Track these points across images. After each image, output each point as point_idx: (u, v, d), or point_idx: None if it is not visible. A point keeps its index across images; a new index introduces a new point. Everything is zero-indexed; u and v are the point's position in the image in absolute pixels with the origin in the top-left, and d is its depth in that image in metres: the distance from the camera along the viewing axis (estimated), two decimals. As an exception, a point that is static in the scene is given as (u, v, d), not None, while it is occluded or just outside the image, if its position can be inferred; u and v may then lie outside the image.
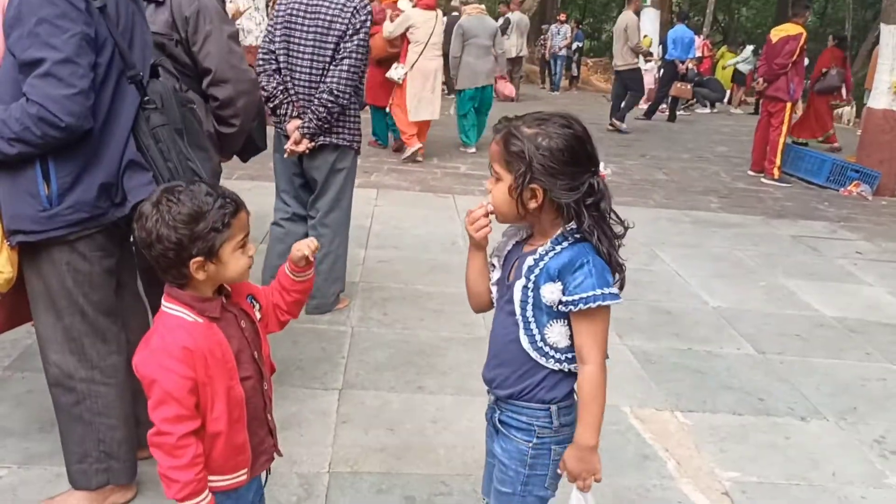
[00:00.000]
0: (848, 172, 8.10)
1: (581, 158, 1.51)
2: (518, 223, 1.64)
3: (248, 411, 1.64)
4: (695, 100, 14.36)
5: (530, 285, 1.54)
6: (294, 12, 3.45)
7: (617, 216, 1.56)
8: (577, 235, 1.53)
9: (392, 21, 7.64)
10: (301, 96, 3.50)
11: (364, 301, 4.00)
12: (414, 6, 7.67)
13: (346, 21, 3.40)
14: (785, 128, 8.14)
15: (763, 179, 8.18)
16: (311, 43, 3.44)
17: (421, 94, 7.57)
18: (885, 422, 3.16)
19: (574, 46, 17.45)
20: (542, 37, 17.72)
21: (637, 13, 11.29)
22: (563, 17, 18.09)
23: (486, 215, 1.61)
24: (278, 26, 3.49)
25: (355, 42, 3.42)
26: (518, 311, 1.57)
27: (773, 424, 3.08)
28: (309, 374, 3.17)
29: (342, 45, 3.41)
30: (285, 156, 3.56)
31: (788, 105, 8.12)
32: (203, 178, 2.10)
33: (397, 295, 4.11)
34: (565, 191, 1.49)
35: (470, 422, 2.86)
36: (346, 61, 3.41)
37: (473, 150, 8.54)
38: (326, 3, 3.43)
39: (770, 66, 8.15)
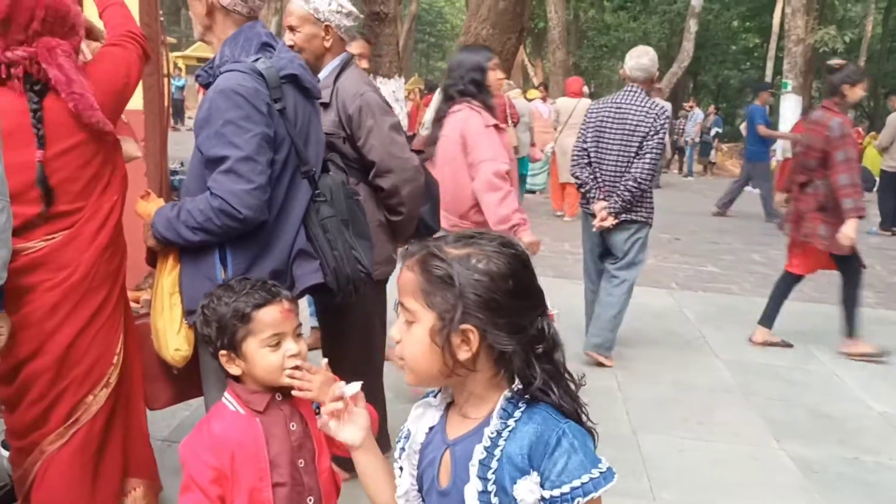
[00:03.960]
0: None
1: (528, 289, 1.12)
2: (439, 385, 1.20)
3: None
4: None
5: (491, 488, 1.09)
6: (604, 119, 4.32)
7: (570, 374, 1.15)
8: (527, 396, 1.12)
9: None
10: (607, 183, 4.30)
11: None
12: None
13: (650, 124, 4.19)
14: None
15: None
16: (619, 142, 4.26)
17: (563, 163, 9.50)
18: None
19: (713, 132, 17.20)
20: (674, 121, 17.62)
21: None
22: (692, 103, 17.96)
23: (340, 398, 1.28)
24: (590, 129, 4.40)
25: (655, 140, 4.20)
26: None
27: (961, 551, 2.75)
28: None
29: (645, 142, 4.19)
30: (594, 229, 4.37)
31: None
32: (365, 266, 2.20)
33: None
34: (508, 333, 1.08)
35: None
36: (648, 156, 4.19)
37: None
38: (633, 111, 4.24)
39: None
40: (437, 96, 11.11)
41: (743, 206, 11.15)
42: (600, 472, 1.07)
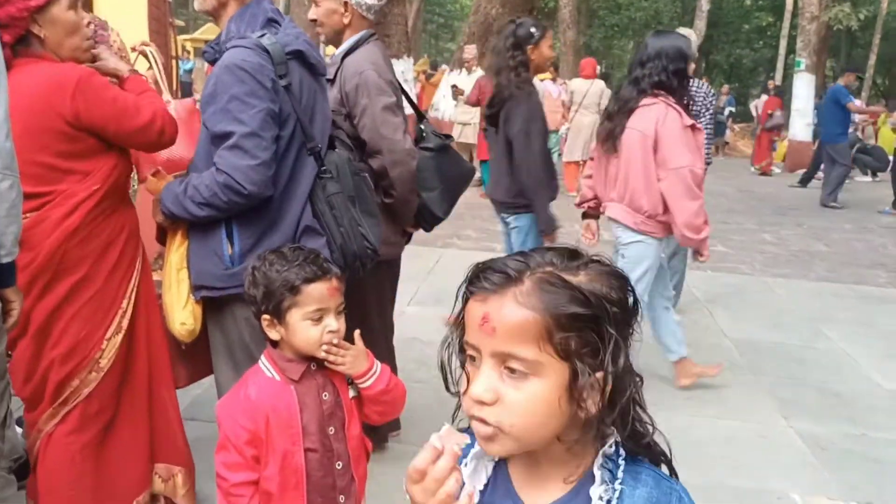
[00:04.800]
0: None
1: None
2: (534, 448, 0.89)
3: (310, 485, 1.59)
4: (854, 167, 13.54)
5: None
6: None
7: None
8: (622, 451, 0.92)
9: None
10: None
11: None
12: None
13: (700, 103, 4.46)
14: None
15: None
16: None
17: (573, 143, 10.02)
18: None
19: (726, 112, 17.07)
20: (685, 102, 17.51)
21: None
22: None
23: (455, 464, 0.86)
24: None
25: (707, 118, 4.59)
26: None
27: (968, 527, 2.75)
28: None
29: (697, 121, 4.47)
30: None
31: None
32: (371, 243, 2.21)
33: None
34: (628, 373, 0.88)
35: None
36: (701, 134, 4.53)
37: None
38: None
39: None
40: (445, 77, 11.00)
41: (754, 185, 11.08)
42: None
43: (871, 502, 2.85)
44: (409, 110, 3.00)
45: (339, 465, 1.64)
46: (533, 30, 3.66)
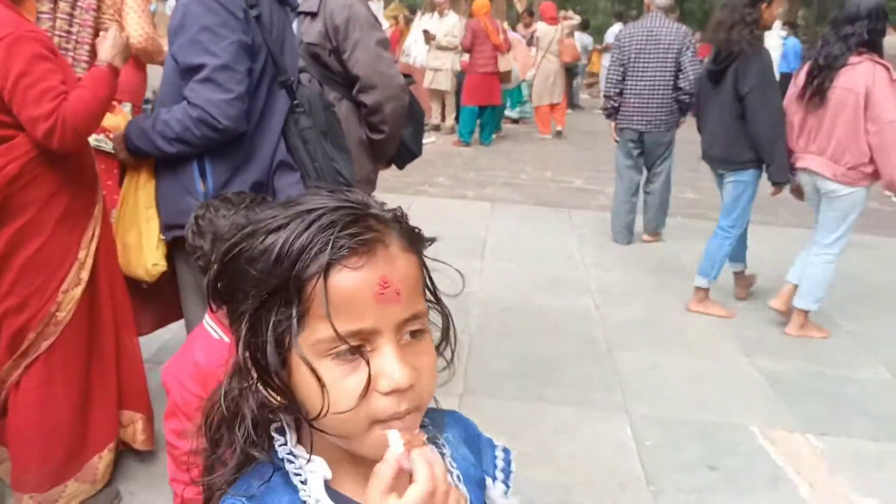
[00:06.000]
0: None
1: None
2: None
3: None
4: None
5: None
6: (638, 42, 5.10)
7: None
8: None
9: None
10: (644, 97, 5.16)
11: (483, 311, 4.03)
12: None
13: (681, 41, 5.02)
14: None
15: (894, 199, 7.67)
16: (655, 61, 5.07)
17: (542, 88, 10.03)
18: None
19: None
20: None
21: None
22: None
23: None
24: (625, 52, 5.16)
25: (689, 55, 5.05)
26: None
27: (916, 455, 2.88)
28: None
29: (681, 58, 5.03)
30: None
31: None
32: (345, 177, 2.20)
33: (515, 307, 4.12)
34: None
35: (592, 433, 2.83)
36: (690, 67, 5.02)
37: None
38: (664, 33, 5.05)
39: None
40: (417, 21, 10.77)
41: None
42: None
43: (827, 433, 2.98)
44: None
45: None
46: None
